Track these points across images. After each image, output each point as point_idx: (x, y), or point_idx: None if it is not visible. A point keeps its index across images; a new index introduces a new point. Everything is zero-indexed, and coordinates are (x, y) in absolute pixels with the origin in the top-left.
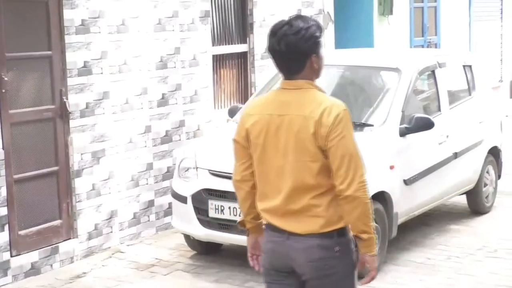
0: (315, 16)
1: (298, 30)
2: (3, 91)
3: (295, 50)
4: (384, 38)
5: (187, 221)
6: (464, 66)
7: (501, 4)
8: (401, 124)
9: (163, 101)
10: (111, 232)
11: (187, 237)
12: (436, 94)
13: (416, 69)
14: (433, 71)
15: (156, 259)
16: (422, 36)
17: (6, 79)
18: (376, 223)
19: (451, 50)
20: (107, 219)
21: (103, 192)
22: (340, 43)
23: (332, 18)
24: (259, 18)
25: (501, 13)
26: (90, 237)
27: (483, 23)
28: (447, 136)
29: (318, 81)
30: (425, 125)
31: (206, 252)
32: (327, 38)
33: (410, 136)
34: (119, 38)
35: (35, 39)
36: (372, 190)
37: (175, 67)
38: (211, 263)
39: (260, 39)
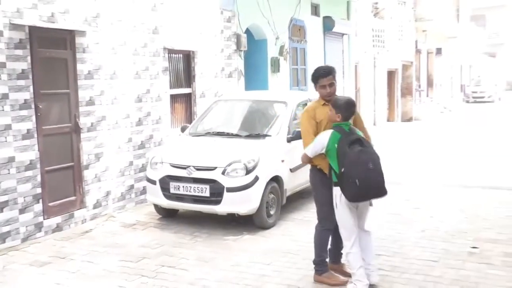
0: (232, 72)
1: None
2: (39, 114)
3: None
4: (275, 86)
5: (156, 196)
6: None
7: (343, 69)
8: (288, 135)
9: (139, 122)
10: (107, 204)
11: (156, 206)
12: None
13: (296, 102)
14: (305, 104)
15: (136, 220)
16: (297, 85)
17: (40, 107)
18: (273, 194)
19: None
20: (104, 196)
21: (102, 179)
22: (248, 88)
23: (243, 73)
24: (198, 72)
25: (343, 74)
26: (94, 207)
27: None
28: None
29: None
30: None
31: (168, 216)
32: (240, 86)
33: (293, 142)
34: (112, 82)
35: (59, 82)
36: (270, 175)
37: (147, 101)
38: (171, 222)
39: (199, 85)
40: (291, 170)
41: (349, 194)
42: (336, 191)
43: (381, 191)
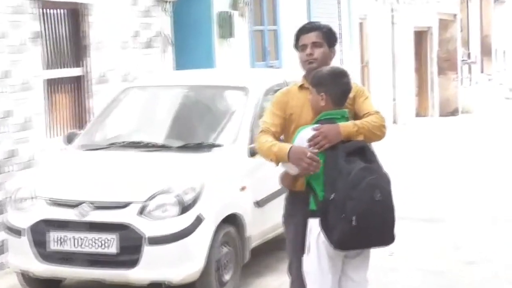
0: (154, 38)
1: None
2: None
3: None
4: (226, 61)
5: (23, 256)
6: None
7: (340, 29)
8: (250, 143)
9: None
10: None
11: (24, 276)
12: None
13: (263, 88)
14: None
15: None
16: (263, 60)
17: None
18: (228, 246)
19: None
20: None
21: None
22: (180, 66)
23: (172, 40)
24: (94, 40)
25: (341, 37)
26: None
27: None
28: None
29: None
30: None
31: None
32: (168, 62)
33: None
34: None
35: None
36: (222, 213)
37: (2, 91)
38: None
39: (95, 63)
40: (258, 204)
41: (336, 237)
42: (313, 225)
43: (386, 237)
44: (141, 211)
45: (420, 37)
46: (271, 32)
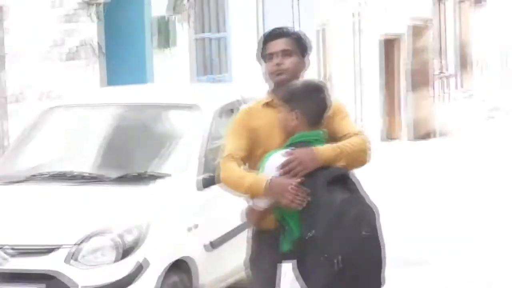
0: (81, 48)
1: None
2: None
3: None
4: (165, 75)
5: None
6: None
7: (296, 22)
8: (201, 174)
9: None
10: None
11: None
12: None
13: (216, 106)
14: (233, 109)
15: None
16: (210, 73)
17: None
18: None
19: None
20: None
21: None
22: (113, 81)
23: (101, 50)
24: (8, 49)
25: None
26: None
27: None
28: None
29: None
30: None
31: None
32: (96, 75)
33: (215, 188)
34: None
35: None
36: (169, 258)
37: None
38: None
39: (10, 78)
40: (212, 246)
41: (318, 284)
42: (287, 270)
43: (374, 281)
44: (72, 257)
45: (389, 46)
46: (219, 40)
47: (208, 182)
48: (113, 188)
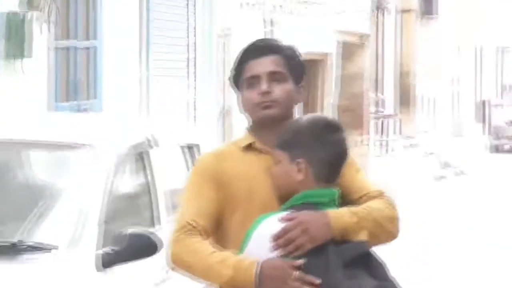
0: None
1: None
2: None
3: None
4: (13, 99)
5: None
6: (183, 148)
7: (194, 51)
8: (101, 246)
9: None
10: None
11: None
12: (149, 194)
13: (122, 147)
14: (142, 154)
15: None
16: (74, 99)
17: None
18: None
19: (165, 119)
20: None
21: None
22: None
23: None
24: None
25: (188, 67)
26: None
27: (166, 79)
28: (173, 269)
29: None
30: (145, 248)
31: None
32: None
33: (118, 269)
34: None
35: None
36: None
37: None
38: None
39: None
40: None
41: None
42: None
43: None
44: None
45: (311, 69)
46: (87, 51)
47: (111, 260)
48: None
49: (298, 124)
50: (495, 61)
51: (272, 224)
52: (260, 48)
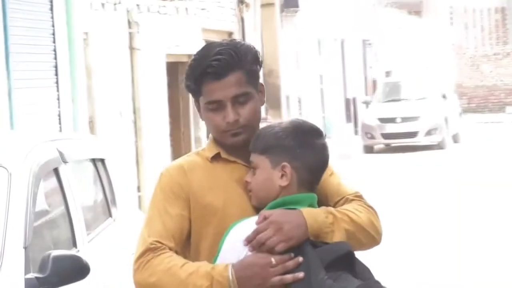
0: None
1: None
2: None
3: None
4: None
5: None
6: (95, 161)
7: (55, 57)
8: (26, 272)
9: None
10: None
11: None
12: (66, 213)
13: (34, 164)
14: (56, 170)
15: None
16: None
17: None
18: None
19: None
20: None
21: None
22: None
23: None
24: None
25: (56, 74)
26: None
27: (30, 90)
28: None
29: None
30: (75, 271)
31: None
32: None
33: None
34: None
35: None
36: None
37: None
38: None
39: None
40: None
41: None
42: None
43: None
44: None
45: (178, 72)
46: None
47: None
48: None
49: (280, 128)
50: (360, 55)
51: (245, 227)
52: (219, 69)
